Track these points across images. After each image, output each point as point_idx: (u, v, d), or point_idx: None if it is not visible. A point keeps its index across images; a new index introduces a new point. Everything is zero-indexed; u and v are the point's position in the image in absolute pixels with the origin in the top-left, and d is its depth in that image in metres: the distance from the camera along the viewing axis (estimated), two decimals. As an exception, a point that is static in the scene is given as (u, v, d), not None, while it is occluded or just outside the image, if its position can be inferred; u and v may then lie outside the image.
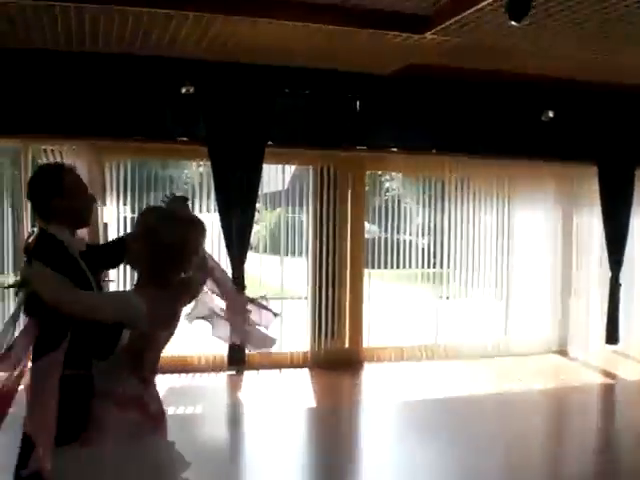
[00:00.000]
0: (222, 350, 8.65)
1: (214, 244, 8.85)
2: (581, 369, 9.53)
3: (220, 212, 8.43)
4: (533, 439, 6.67)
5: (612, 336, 10.29)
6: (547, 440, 6.87)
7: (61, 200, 3.21)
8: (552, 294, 10.40)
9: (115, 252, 3.50)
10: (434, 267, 10.07)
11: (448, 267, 10.01)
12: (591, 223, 10.53)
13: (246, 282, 8.62)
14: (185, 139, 8.42)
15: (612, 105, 9.82)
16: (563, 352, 10.31)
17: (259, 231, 10.25)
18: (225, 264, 8.69)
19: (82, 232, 3.59)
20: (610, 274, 10.28)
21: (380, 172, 10.85)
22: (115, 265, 3.75)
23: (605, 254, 10.34)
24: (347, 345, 9.36)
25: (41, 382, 2.91)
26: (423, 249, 9.97)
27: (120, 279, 7.72)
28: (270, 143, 8.55)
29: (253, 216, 8.69)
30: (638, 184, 10.38)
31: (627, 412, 7.92)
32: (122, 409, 2.99)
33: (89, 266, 3.23)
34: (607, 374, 9.41)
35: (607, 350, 10.40)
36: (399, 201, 10.19)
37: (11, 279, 8.42)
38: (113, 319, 2.87)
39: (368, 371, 9.12)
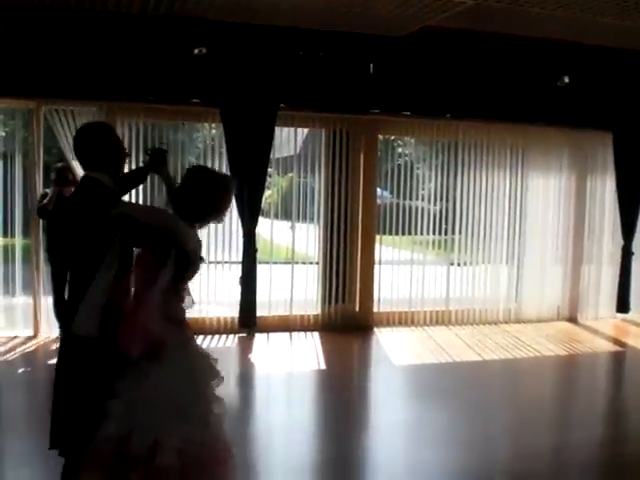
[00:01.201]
0: (233, 312, 8.69)
1: (226, 207, 8.84)
2: (591, 336, 9.52)
3: (232, 175, 8.40)
4: (542, 404, 6.69)
5: (623, 304, 10.30)
6: (556, 405, 6.88)
7: (107, 153, 3.75)
8: (564, 261, 10.37)
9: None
10: (446, 234, 10.04)
11: (460, 233, 9.99)
12: (604, 191, 10.48)
13: (258, 246, 8.64)
14: (197, 101, 8.36)
15: (630, 72, 9.71)
16: (573, 319, 10.32)
17: (271, 196, 10.22)
18: (236, 227, 8.72)
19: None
20: (622, 242, 10.25)
21: (393, 137, 10.78)
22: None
23: (618, 222, 10.30)
24: (357, 309, 9.38)
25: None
26: (435, 215, 9.92)
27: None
28: (282, 106, 8.50)
29: (265, 179, 8.68)
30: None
31: (636, 379, 7.95)
32: (178, 328, 3.64)
33: None
34: (617, 342, 9.41)
35: (618, 318, 10.41)
36: (411, 167, 10.14)
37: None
38: (189, 249, 3.56)
39: (378, 335, 9.14)
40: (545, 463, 5.23)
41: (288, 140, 9.61)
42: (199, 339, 8.42)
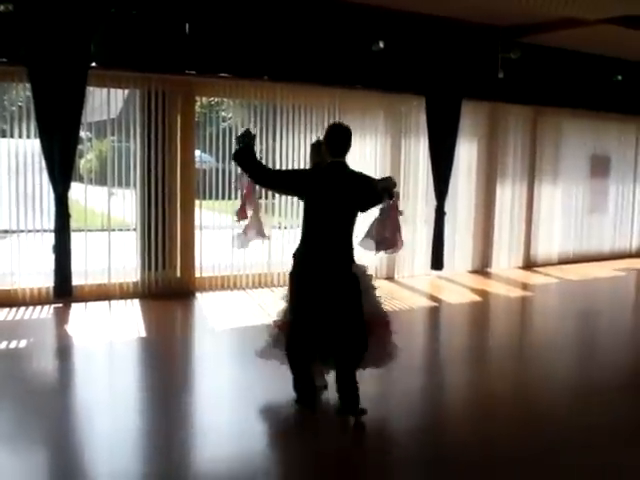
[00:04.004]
0: (48, 282, 8.34)
1: (35, 171, 8.44)
2: (409, 294, 9.88)
3: (41, 138, 8.03)
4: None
5: (437, 262, 10.76)
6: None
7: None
8: (381, 222, 10.63)
9: None
10: (266, 198, 10.03)
11: (280, 197, 10.00)
12: (418, 153, 10.84)
13: (72, 212, 8.30)
14: (4, 60, 7.87)
15: (441, 39, 10.08)
16: (391, 278, 10.67)
17: (90, 161, 9.84)
18: (47, 193, 8.32)
19: None
20: (435, 203, 10.66)
21: (216, 100, 10.63)
22: None
23: (431, 183, 10.69)
24: (179, 275, 9.25)
25: None
26: (256, 178, 9.85)
27: None
28: (94, 65, 8.15)
29: (76, 142, 8.29)
30: (464, 116, 10.76)
31: (449, 331, 8.46)
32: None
33: None
34: (432, 298, 9.82)
35: (432, 275, 10.86)
36: (232, 131, 10.01)
37: None
38: None
39: (200, 301, 9.07)
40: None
41: (105, 102, 9.15)
42: (12, 311, 8.06)
